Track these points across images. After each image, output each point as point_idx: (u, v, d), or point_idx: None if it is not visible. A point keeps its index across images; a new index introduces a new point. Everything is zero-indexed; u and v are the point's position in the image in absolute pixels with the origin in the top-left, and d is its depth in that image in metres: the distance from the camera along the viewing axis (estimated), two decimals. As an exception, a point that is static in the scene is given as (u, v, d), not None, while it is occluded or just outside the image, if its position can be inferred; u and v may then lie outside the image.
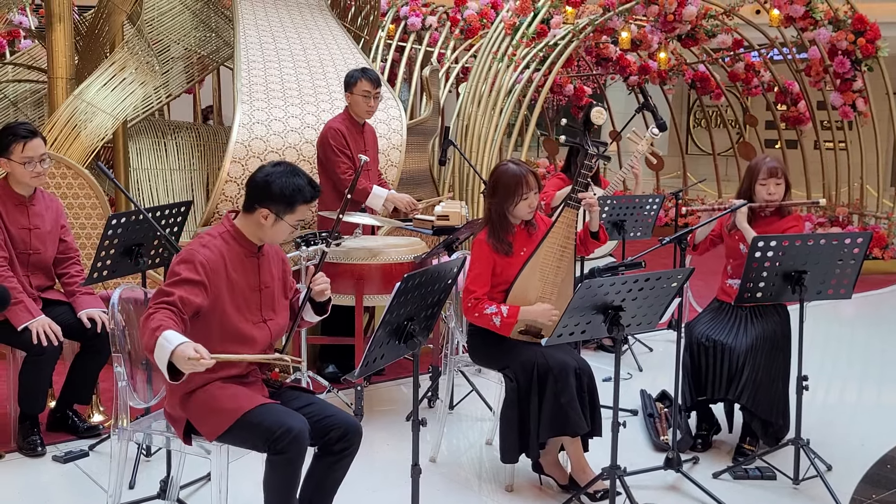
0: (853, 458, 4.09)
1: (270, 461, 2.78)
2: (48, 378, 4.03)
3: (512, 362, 3.55)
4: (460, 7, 10.76)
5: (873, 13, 9.08)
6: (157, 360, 2.66)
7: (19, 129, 3.92)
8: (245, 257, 2.96)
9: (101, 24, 6.33)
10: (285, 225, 2.92)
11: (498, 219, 3.65)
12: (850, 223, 9.53)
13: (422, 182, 7.50)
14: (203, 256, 2.84)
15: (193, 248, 2.87)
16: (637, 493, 3.50)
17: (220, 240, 2.93)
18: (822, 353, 6.13)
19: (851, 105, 9.25)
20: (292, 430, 2.72)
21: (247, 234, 2.96)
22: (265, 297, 3.01)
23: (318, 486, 2.98)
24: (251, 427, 2.78)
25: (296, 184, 2.89)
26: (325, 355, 5.17)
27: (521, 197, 3.59)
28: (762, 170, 4.05)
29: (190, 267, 2.81)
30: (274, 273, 3.06)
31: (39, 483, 3.73)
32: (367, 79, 4.92)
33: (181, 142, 7.43)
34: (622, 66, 11.25)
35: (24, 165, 3.88)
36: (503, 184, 3.62)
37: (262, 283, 3.00)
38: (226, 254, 2.91)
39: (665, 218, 10.27)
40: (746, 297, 3.69)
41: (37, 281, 4.03)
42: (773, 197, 4.06)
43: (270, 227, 2.92)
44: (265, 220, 2.90)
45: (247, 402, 2.83)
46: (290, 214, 2.91)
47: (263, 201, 2.89)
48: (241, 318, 2.92)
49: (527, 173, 3.60)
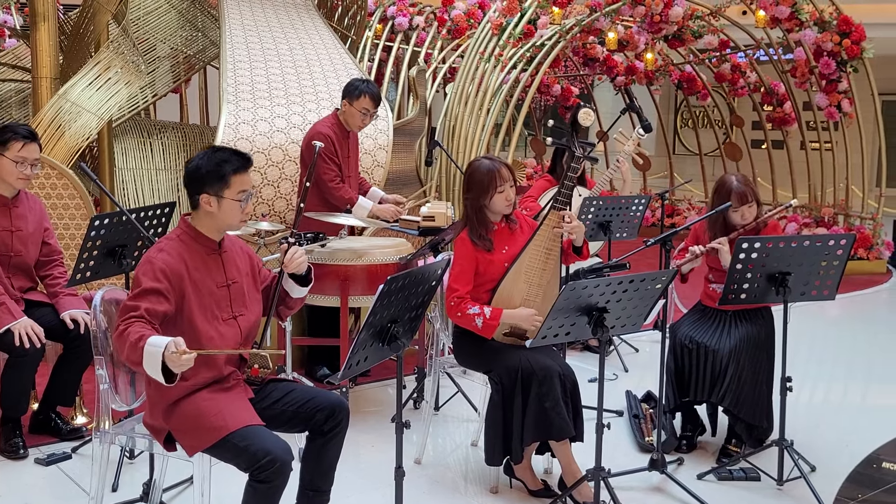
0: (837, 458, 4.10)
1: (252, 486, 2.75)
2: (30, 380, 4.01)
3: (496, 365, 3.54)
4: (447, 7, 10.75)
5: (858, 14, 9.12)
6: (149, 368, 2.64)
7: (21, 128, 3.97)
8: (207, 255, 2.94)
9: (86, 24, 6.29)
10: (229, 202, 2.89)
11: (475, 215, 3.64)
12: (836, 224, 9.57)
13: (408, 182, 7.49)
14: (162, 262, 2.81)
15: (151, 256, 2.84)
16: (621, 494, 3.50)
17: (178, 241, 2.91)
18: (807, 354, 6.16)
19: (837, 106, 9.29)
20: (276, 460, 2.69)
21: (203, 230, 2.94)
22: (234, 293, 2.98)
23: (317, 468, 3.01)
24: (235, 449, 2.74)
25: (219, 157, 2.89)
26: (316, 357, 5.16)
27: (496, 190, 3.59)
28: (733, 198, 3.99)
29: (150, 276, 2.78)
30: (240, 267, 3.03)
31: (21, 485, 3.70)
32: (370, 96, 4.87)
33: (167, 142, 7.39)
34: (609, 66, 11.26)
35: (16, 165, 3.88)
36: (476, 179, 3.61)
37: (228, 279, 2.97)
38: (185, 255, 2.88)
39: (651, 218, 10.30)
40: (731, 298, 3.69)
41: (18, 282, 4.00)
42: (747, 220, 4.05)
43: (219, 211, 2.89)
44: (210, 206, 2.88)
45: (232, 420, 2.78)
46: (227, 189, 2.88)
47: (200, 189, 2.88)
48: (211, 317, 2.90)
49: (499, 166, 3.59)
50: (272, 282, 3.19)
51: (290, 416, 2.99)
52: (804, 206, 10.07)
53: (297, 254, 3.07)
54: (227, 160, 2.89)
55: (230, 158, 2.90)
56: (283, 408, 2.99)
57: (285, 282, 3.15)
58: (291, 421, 3.00)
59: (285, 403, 2.99)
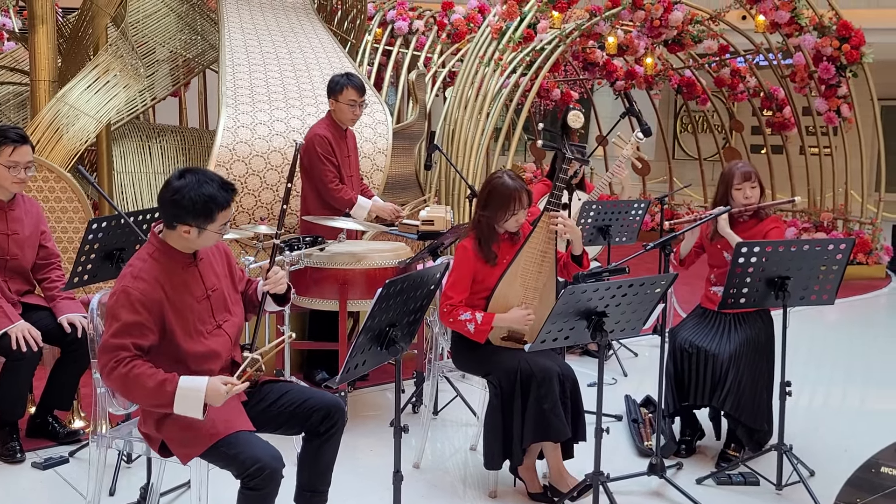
0: (836, 462, 4.09)
1: (244, 494, 2.74)
2: (28, 384, 4.00)
3: (495, 368, 3.53)
4: (447, 11, 10.76)
5: (858, 19, 9.13)
6: (183, 410, 2.64)
7: (10, 132, 3.89)
8: (183, 270, 2.85)
9: (85, 27, 6.29)
10: (210, 233, 2.82)
11: (487, 230, 3.65)
12: (835, 228, 9.57)
13: (408, 186, 7.49)
14: (139, 292, 2.71)
15: (127, 285, 2.73)
16: (620, 498, 3.49)
17: (151, 261, 2.81)
18: (806, 359, 6.15)
19: (836, 111, 9.29)
20: (266, 468, 2.67)
21: (177, 246, 2.85)
22: (215, 301, 2.94)
23: (314, 469, 3.00)
24: (225, 456, 2.73)
25: (206, 193, 2.75)
26: (314, 361, 5.14)
27: (512, 213, 3.59)
28: (736, 175, 4.08)
29: (128, 308, 2.70)
30: (218, 272, 2.99)
31: (18, 490, 3.69)
32: (353, 87, 4.87)
33: (165, 145, 7.39)
34: (609, 70, 11.27)
35: (9, 170, 3.85)
36: (497, 197, 3.61)
37: (208, 289, 2.91)
38: (160, 276, 2.78)
39: (651, 223, 10.29)
40: (730, 302, 3.69)
41: (15, 286, 3.99)
42: (749, 200, 4.08)
43: (197, 239, 2.82)
44: (188, 234, 2.80)
45: (222, 427, 2.76)
46: (211, 223, 2.79)
47: (181, 217, 2.76)
48: (196, 335, 2.85)
49: (521, 191, 3.59)
50: (248, 287, 3.17)
51: (287, 418, 2.98)
52: (803, 210, 10.07)
53: (278, 275, 3.06)
54: (215, 197, 2.76)
55: (217, 195, 2.77)
56: (280, 409, 2.98)
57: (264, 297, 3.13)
58: (288, 422, 2.99)
59: (281, 405, 2.98)
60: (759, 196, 4.10)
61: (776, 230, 4.09)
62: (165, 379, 2.65)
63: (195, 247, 2.88)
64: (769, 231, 4.08)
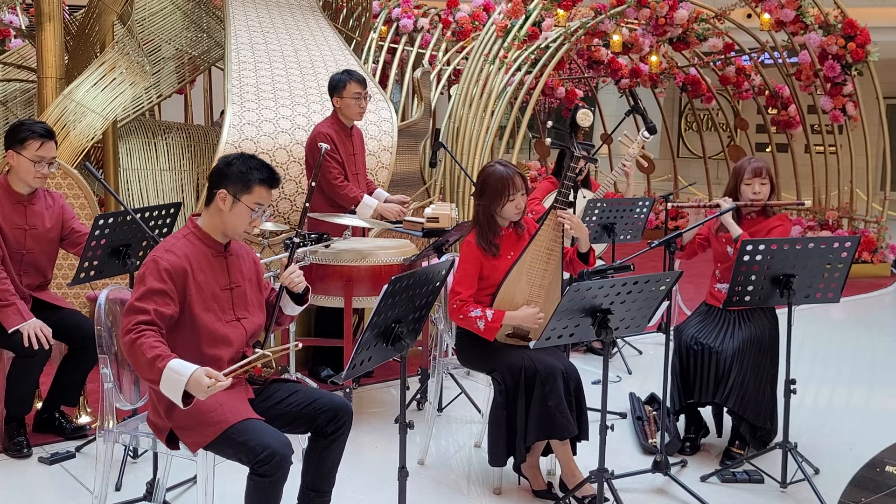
0: (841, 461, 4.10)
1: (253, 480, 2.76)
2: (36, 380, 4.02)
3: (499, 365, 3.54)
4: (452, 9, 10.76)
5: (863, 18, 9.11)
6: (167, 391, 2.65)
7: (37, 126, 3.93)
8: (213, 257, 2.95)
9: (92, 24, 6.30)
10: (243, 206, 2.90)
11: (486, 220, 3.65)
12: (840, 227, 9.56)
13: (412, 184, 7.50)
14: (167, 262, 2.82)
15: (157, 255, 2.84)
16: (625, 496, 3.50)
17: (185, 241, 2.93)
18: (811, 357, 6.15)
19: (841, 109, 9.27)
20: (275, 454, 2.70)
21: (211, 232, 2.96)
22: (237, 296, 2.99)
23: (318, 469, 3.01)
24: (234, 444, 2.76)
25: (253, 164, 2.91)
26: (320, 358, 5.16)
27: (508, 198, 3.59)
28: (747, 169, 4.08)
29: (155, 275, 2.79)
30: (245, 272, 3.04)
31: (25, 484, 3.71)
32: (354, 81, 4.90)
33: (171, 142, 7.40)
34: (614, 69, 11.26)
35: (34, 164, 3.88)
36: (490, 185, 3.62)
37: (232, 282, 2.98)
38: (190, 255, 2.89)
39: (655, 221, 10.29)
40: (735, 300, 3.69)
41: (28, 279, 4.01)
42: (758, 196, 4.08)
43: (229, 212, 2.90)
44: (223, 203, 2.89)
45: (231, 415, 2.79)
46: (247, 195, 2.89)
47: (221, 183, 2.90)
48: (213, 319, 2.91)
49: (514, 174, 3.60)
50: (271, 295, 3.20)
51: (294, 417, 2.99)
52: (808, 209, 10.06)
53: (295, 273, 3.10)
54: (259, 168, 2.92)
55: (262, 168, 2.93)
56: (287, 408, 2.99)
57: (283, 296, 3.16)
58: (295, 422, 3.00)
59: (289, 404, 2.99)
60: (768, 193, 4.10)
61: (781, 228, 4.09)
62: (160, 355, 2.66)
63: (226, 228, 2.94)
64: (773, 228, 4.08)
